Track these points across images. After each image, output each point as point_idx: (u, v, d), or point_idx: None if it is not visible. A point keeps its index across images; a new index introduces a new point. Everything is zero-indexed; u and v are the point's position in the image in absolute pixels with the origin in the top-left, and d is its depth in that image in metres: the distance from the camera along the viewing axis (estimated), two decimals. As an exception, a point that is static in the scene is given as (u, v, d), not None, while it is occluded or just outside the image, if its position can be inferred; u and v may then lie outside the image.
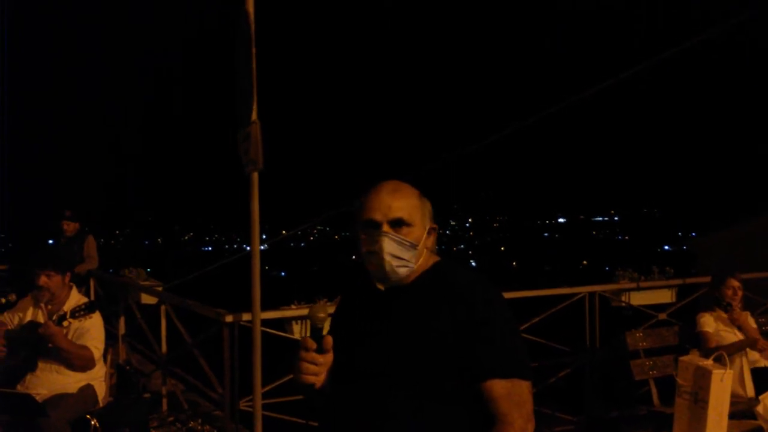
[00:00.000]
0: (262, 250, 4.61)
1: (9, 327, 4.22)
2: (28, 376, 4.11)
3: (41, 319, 4.17)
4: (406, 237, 1.96)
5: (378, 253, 1.95)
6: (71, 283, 4.44)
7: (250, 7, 4.34)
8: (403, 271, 1.97)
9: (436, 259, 2.07)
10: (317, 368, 1.92)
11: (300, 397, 2.06)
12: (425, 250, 2.02)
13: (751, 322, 5.04)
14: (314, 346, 1.91)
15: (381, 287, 2.02)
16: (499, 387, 1.86)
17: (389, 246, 1.95)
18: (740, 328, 4.95)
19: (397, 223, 1.97)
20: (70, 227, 7.92)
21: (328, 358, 1.95)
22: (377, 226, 1.97)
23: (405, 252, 1.96)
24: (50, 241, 8.04)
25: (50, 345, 4.02)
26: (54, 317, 4.05)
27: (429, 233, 2.03)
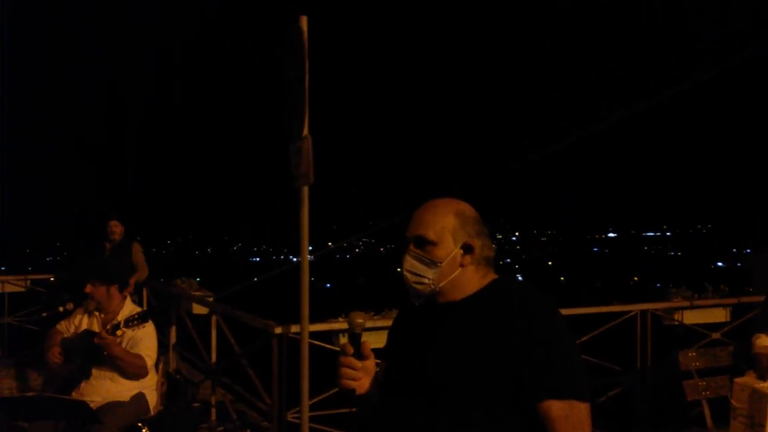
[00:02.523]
0: (309, 262, 4.65)
1: (65, 335, 4.33)
2: (83, 384, 4.20)
3: (96, 328, 4.27)
4: (426, 255, 1.97)
5: (401, 270, 2.00)
6: (125, 294, 4.53)
7: (304, 24, 4.39)
8: (421, 288, 1.98)
9: (493, 276, 2.04)
10: (356, 373, 1.95)
11: (347, 409, 2.09)
12: (461, 268, 1.98)
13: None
14: (351, 350, 1.95)
15: (415, 303, 2.04)
16: (556, 408, 1.80)
17: (407, 262, 1.99)
18: None
19: (419, 241, 1.99)
20: (118, 229, 7.61)
21: (368, 363, 1.97)
22: (407, 242, 2.02)
23: (423, 269, 1.97)
24: (95, 250, 7.79)
25: (105, 353, 4.10)
26: (108, 326, 4.13)
27: (466, 251, 1.99)
